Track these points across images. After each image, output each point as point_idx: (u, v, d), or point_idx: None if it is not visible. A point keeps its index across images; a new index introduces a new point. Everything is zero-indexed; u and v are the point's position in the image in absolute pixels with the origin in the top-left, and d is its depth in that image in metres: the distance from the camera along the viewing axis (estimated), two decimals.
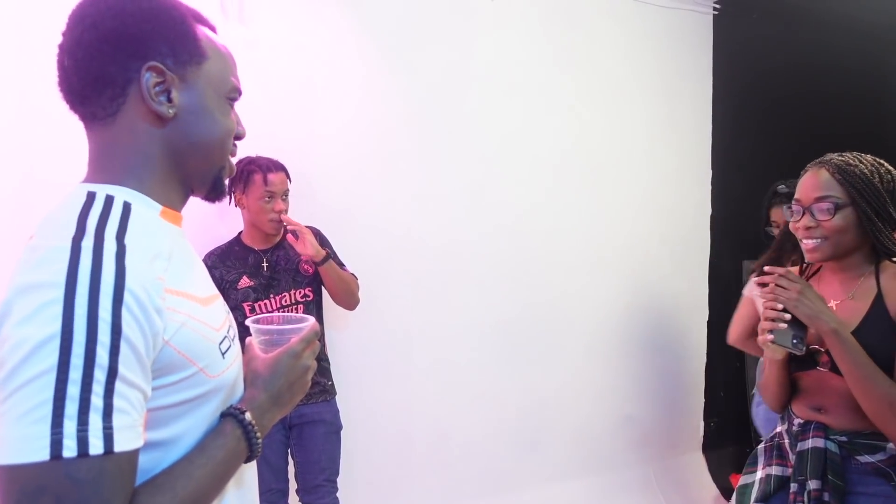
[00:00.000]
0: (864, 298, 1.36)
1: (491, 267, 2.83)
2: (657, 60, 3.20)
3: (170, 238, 0.81)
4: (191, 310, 0.77)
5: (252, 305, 2.11)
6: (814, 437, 1.36)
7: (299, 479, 2.20)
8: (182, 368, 0.74)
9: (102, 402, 0.64)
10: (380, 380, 2.61)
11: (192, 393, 0.76)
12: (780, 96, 3.45)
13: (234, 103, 0.88)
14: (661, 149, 3.25)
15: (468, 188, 2.76)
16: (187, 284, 0.79)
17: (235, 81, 0.87)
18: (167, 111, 0.79)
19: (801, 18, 3.38)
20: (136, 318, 0.68)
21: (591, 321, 3.10)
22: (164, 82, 0.79)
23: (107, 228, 0.73)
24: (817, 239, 1.36)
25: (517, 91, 2.85)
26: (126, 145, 0.80)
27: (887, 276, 1.35)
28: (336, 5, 2.47)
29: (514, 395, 2.91)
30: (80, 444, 0.62)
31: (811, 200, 1.37)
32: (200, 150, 0.84)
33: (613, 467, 3.18)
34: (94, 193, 0.77)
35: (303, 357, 0.89)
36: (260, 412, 0.84)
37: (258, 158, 2.13)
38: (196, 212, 1.40)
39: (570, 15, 2.96)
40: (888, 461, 1.30)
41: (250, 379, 0.87)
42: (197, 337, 0.76)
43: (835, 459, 1.33)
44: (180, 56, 0.80)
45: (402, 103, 2.62)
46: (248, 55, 2.31)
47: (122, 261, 0.69)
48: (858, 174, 1.33)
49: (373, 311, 2.56)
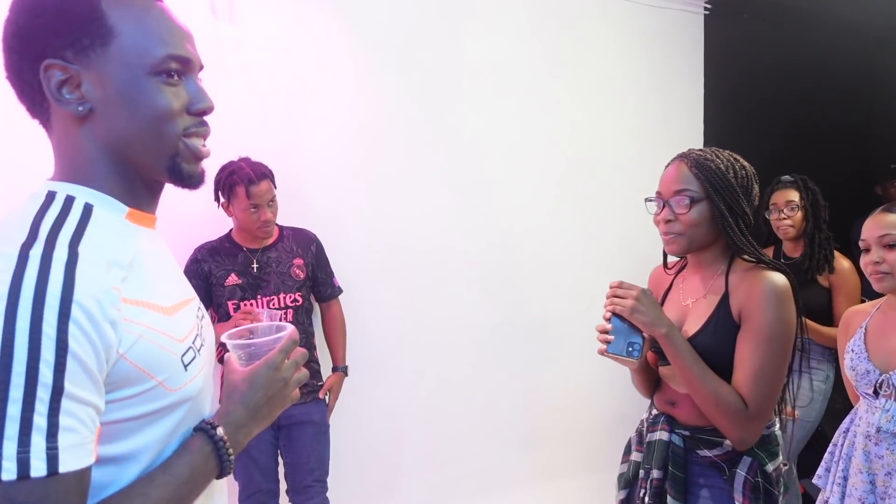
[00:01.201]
0: (712, 297, 1.38)
1: (483, 267, 2.83)
2: (648, 60, 3.21)
3: (134, 243, 0.76)
4: (151, 320, 0.73)
5: (237, 304, 2.10)
6: (661, 430, 1.42)
7: (289, 479, 2.20)
8: (139, 382, 0.70)
9: (46, 422, 0.61)
10: (371, 381, 2.60)
11: (150, 407, 0.72)
12: (770, 95, 3.46)
13: (173, 77, 0.76)
14: (652, 148, 3.25)
15: (459, 188, 2.76)
16: (149, 293, 0.75)
17: (170, 49, 0.76)
18: (77, 109, 0.73)
19: (790, 18, 3.39)
20: (85, 331, 0.64)
21: (583, 320, 3.09)
22: (70, 78, 0.72)
23: (60, 234, 0.68)
24: (674, 233, 1.37)
25: (508, 91, 2.85)
26: (67, 147, 0.76)
27: (736, 275, 1.36)
28: (326, 5, 2.47)
29: (506, 395, 2.90)
30: (20, 467, 0.60)
31: (670, 193, 1.38)
32: (132, 141, 0.76)
33: (607, 466, 3.16)
34: (54, 194, 0.74)
35: (282, 369, 0.84)
36: (234, 427, 0.80)
37: (241, 168, 2.07)
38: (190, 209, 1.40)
39: (561, 15, 2.96)
40: (723, 456, 1.35)
41: (227, 392, 0.83)
42: (156, 349, 0.72)
43: (677, 452, 1.38)
44: (80, 43, 0.72)
45: (392, 103, 2.61)
46: (238, 55, 2.32)
47: (71, 271, 0.65)
48: (714, 168, 1.35)
49: (364, 312, 2.55)
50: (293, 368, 0.86)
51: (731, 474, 1.34)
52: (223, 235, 2.20)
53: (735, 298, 1.33)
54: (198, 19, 2.24)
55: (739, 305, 1.32)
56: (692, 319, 1.41)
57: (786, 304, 1.28)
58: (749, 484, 1.32)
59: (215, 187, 2.10)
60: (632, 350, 1.32)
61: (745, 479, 1.33)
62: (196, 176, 0.81)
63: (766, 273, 1.31)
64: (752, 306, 1.29)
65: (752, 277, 1.32)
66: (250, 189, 2.04)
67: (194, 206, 2.15)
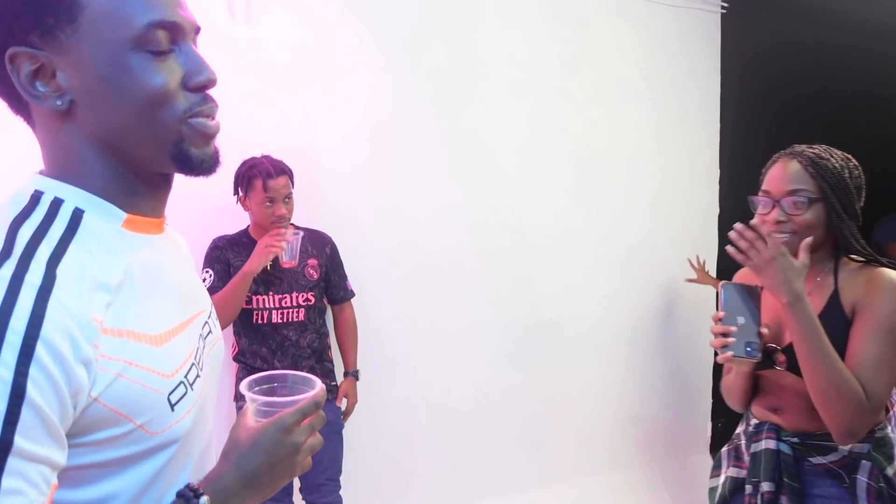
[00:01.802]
0: (821, 295, 1.33)
1: (497, 266, 2.83)
2: (665, 59, 3.19)
3: (128, 258, 0.65)
4: (134, 355, 0.62)
5: (250, 297, 2.13)
6: (766, 438, 1.35)
7: (302, 477, 2.21)
8: (114, 425, 0.60)
9: None
10: (384, 380, 2.61)
11: (127, 451, 0.62)
12: (788, 95, 3.42)
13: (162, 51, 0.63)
14: (669, 148, 3.24)
15: (474, 187, 2.76)
16: (137, 320, 0.64)
17: (154, 15, 0.62)
18: (55, 103, 0.61)
19: (809, 17, 3.35)
20: (50, 375, 0.54)
21: (597, 321, 3.10)
22: (41, 66, 0.60)
23: (39, 249, 0.58)
24: (787, 234, 1.31)
25: (524, 90, 2.84)
26: (53, 146, 0.65)
27: (845, 273, 1.32)
28: (342, 5, 2.48)
29: (519, 395, 2.90)
30: None
31: (782, 193, 1.31)
32: (124, 132, 0.64)
33: (621, 467, 3.17)
34: (40, 195, 0.63)
35: (294, 432, 0.70)
36: (224, 495, 0.67)
37: (261, 162, 2.11)
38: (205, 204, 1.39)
39: (577, 14, 2.95)
40: (840, 462, 1.29)
41: (225, 450, 0.71)
42: (136, 388, 0.62)
43: (788, 461, 1.31)
44: (43, 23, 0.59)
45: (407, 102, 2.62)
46: (255, 55, 2.33)
47: (44, 299, 0.55)
48: (830, 168, 1.29)
49: (377, 311, 2.56)
50: (307, 433, 0.72)
51: (852, 481, 1.27)
52: (241, 230, 2.22)
53: (847, 294, 1.29)
54: (215, 19, 2.25)
55: (853, 301, 1.28)
56: None
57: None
58: (873, 490, 1.26)
59: (235, 181, 2.14)
60: (750, 350, 1.27)
61: (867, 485, 1.26)
62: (208, 159, 0.68)
63: (881, 269, 1.29)
64: (870, 299, 1.25)
65: (867, 273, 1.29)
66: (267, 182, 2.07)
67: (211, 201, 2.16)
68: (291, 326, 2.16)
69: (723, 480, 1.48)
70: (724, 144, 3.38)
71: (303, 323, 2.18)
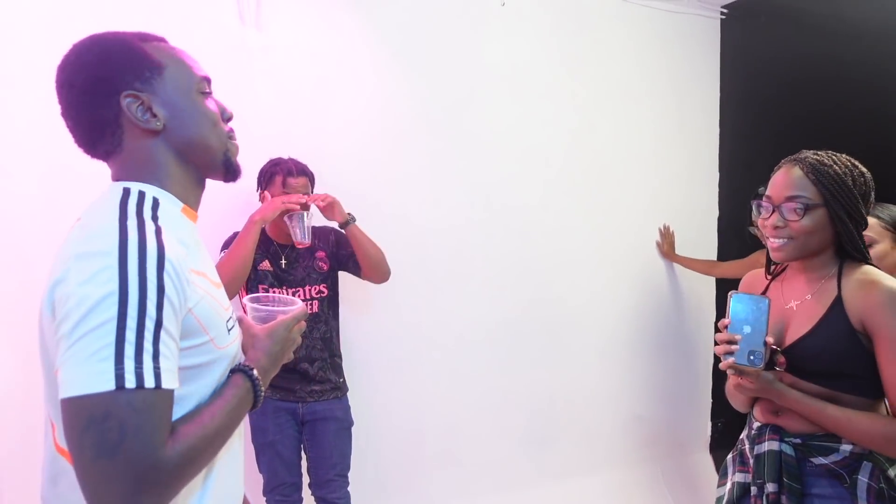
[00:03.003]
0: (823, 300, 1.33)
1: (501, 267, 2.87)
2: (665, 64, 3.23)
3: (189, 230, 0.95)
4: (207, 288, 0.90)
5: (267, 289, 2.18)
6: (769, 440, 1.36)
7: (311, 473, 2.25)
8: (197, 335, 0.86)
9: (152, 347, 0.77)
10: (392, 377, 2.66)
11: (201, 359, 0.88)
12: (787, 99, 3.47)
13: (208, 93, 0.98)
14: (669, 151, 3.28)
15: (478, 189, 2.81)
16: (205, 268, 0.93)
17: (200, 74, 0.98)
18: (156, 124, 0.92)
19: (807, 22, 3.40)
20: (174, 282, 0.81)
21: (599, 321, 3.14)
22: (142, 102, 0.91)
23: (144, 213, 0.87)
24: (784, 239, 1.33)
25: (526, 94, 2.89)
26: (141, 161, 0.94)
27: (849, 281, 1.32)
28: (348, 12, 2.53)
29: (524, 393, 2.95)
30: (137, 378, 0.75)
31: (782, 199, 1.33)
32: (198, 142, 0.96)
33: (622, 466, 3.21)
34: (129, 189, 0.91)
35: (293, 330, 1.06)
36: (262, 371, 0.98)
37: (285, 161, 2.19)
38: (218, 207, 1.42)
39: (579, 19, 3.00)
40: (841, 463, 1.29)
41: (251, 343, 1.02)
42: (212, 311, 0.89)
43: (790, 462, 1.32)
44: (142, 75, 0.92)
45: (413, 107, 2.67)
46: (264, 60, 2.38)
47: (160, 237, 0.83)
48: (832, 174, 1.30)
49: (385, 310, 2.61)
50: (298, 333, 1.08)
51: (853, 481, 1.27)
52: None
53: (853, 306, 1.29)
54: (226, 26, 2.31)
55: (860, 315, 1.28)
56: (800, 321, 1.36)
57: None
58: (874, 491, 1.26)
59: (258, 177, 2.20)
60: (754, 358, 1.29)
61: (868, 485, 1.26)
62: (239, 168, 1.03)
63: (881, 281, 1.28)
64: (879, 318, 1.25)
65: (868, 287, 1.28)
66: (287, 180, 2.14)
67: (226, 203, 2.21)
68: (306, 318, 2.20)
69: (729, 487, 1.48)
70: (724, 148, 3.42)
71: (317, 315, 2.23)
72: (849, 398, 1.29)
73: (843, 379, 1.29)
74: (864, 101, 3.70)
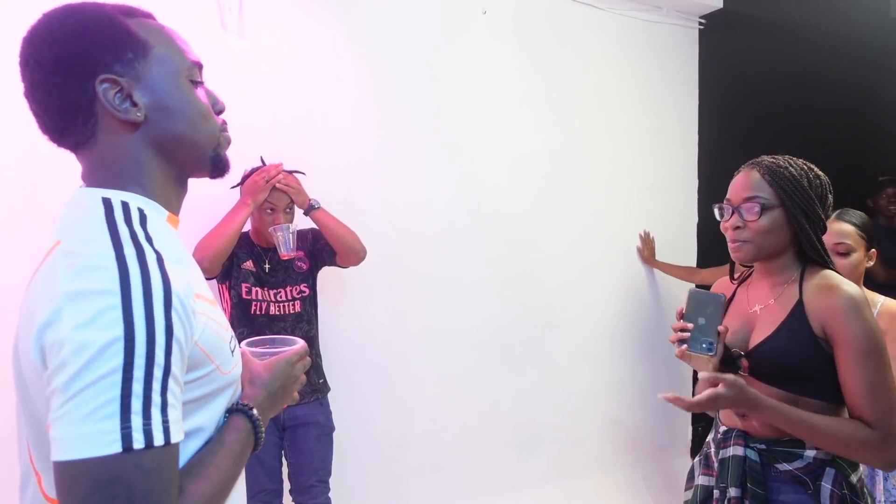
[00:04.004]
0: (785, 304, 1.35)
1: (483, 272, 2.89)
2: (645, 73, 3.28)
3: (180, 243, 0.84)
4: (208, 311, 0.80)
5: (249, 288, 2.18)
6: (734, 444, 1.36)
7: (292, 479, 2.25)
8: (204, 366, 0.78)
9: (160, 398, 0.68)
10: (374, 380, 2.66)
11: (208, 388, 0.80)
12: (764, 107, 3.53)
13: (199, 82, 0.86)
14: (648, 158, 3.33)
15: (461, 195, 2.83)
16: (201, 287, 0.82)
17: (191, 59, 0.86)
18: (136, 115, 0.79)
19: (784, 33, 3.47)
20: (182, 320, 0.72)
21: (581, 326, 3.16)
22: (122, 88, 0.78)
23: (138, 235, 0.75)
24: (742, 240, 1.36)
25: (508, 102, 2.92)
26: (117, 157, 0.81)
27: (810, 286, 1.33)
28: (332, 18, 2.55)
29: (506, 398, 2.96)
30: (146, 437, 0.66)
31: (740, 200, 1.36)
32: (185, 137, 0.84)
33: (603, 471, 3.23)
34: (109, 200, 0.79)
35: (296, 367, 0.97)
36: (261, 409, 0.89)
37: (267, 167, 2.16)
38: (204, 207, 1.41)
39: (560, 29, 3.04)
40: (805, 469, 1.30)
41: (249, 378, 0.93)
42: (216, 337, 0.80)
43: (754, 467, 1.32)
44: (124, 56, 0.79)
45: (396, 113, 2.68)
46: (247, 66, 2.39)
47: (163, 267, 0.73)
48: (787, 176, 1.33)
49: (368, 313, 2.61)
50: (302, 369, 0.99)
51: (816, 488, 1.28)
52: (243, 232, 2.26)
53: (813, 310, 1.30)
54: (208, 33, 2.31)
55: (820, 320, 1.29)
56: (763, 324, 1.37)
57: (866, 313, 1.25)
58: (836, 497, 1.26)
59: (241, 181, 2.18)
60: (706, 346, 1.33)
61: (831, 491, 1.27)
62: (228, 163, 0.92)
63: (840, 286, 1.29)
64: (837, 325, 1.26)
65: (827, 292, 1.29)
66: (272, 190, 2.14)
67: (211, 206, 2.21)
68: (288, 318, 2.21)
69: (693, 490, 1.49)
70: (702, 154, 3.48)
71: (299, 314, 2.23)
72: (810, 402, 1.30)
73: (804, 382, 1.30)
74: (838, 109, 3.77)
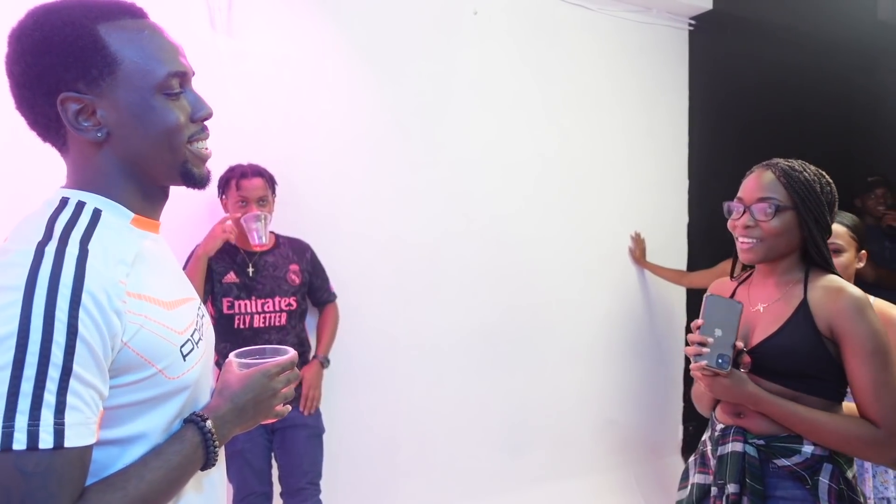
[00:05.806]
0: (789, 303, 1.37)
1: (475, 274, 2.89)
2: (635, 74, 3.29)
3: (138, 244, 0.82)
4: (151, 312, 0.78)
5: (232, 302, 2.16)
6: (733, 441, 1.37)
7: (282, 482, 2.23)
8: (140, 369, 0.76)
9: (55, 399, 0.66)
10: (365, 382, 2.65)
11: (150, 393, 0.78)
12: (753, 108, 3.55)
13: (177, 93, 0.83)
14: (639, 159, 3.34)
15: (452, 196, 2.83)
16: (151, 288, 0.80)
17: (168, 70, 0.81)
18: (95, 135, 0.79)
19: (773, 34, 3.49)
20: (94, 319, 0.70)
21: (573, 327, 3.16)
22: (84, 107, 0.78)
23: (72, 233, 0.75)
24: (754, 239, 1.36)
25: (500, 103, 2.92)
26: (85, 166, 0.82)
27: (815, 287, 1.35)
28: (322, 18, 2.54)
29: (497, 399, 2.95)
30: (29, 438, 0.64)
31: (753, 200, 1.37)
32: (148, 155, 0.82)
33: (595, 470, 3.23)
34: (66, 199, 0.80)
35: (275, 379, 0.90)
36: (221, 422, 0.85)
37: (239, 166, 2.19)
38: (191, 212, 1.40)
39: (551, 30, 3.04)
40: (803, 464, 1.31)
41: (219, 388, 0.89)
42: (156, 339, 0.78)
43: (753, 463, 1.33)
44: (89, 74, 0.77)
45: (386, 113, 2.68)
46: (237, 67, 2.37)
47: (82, 264, 0.71)
48: (802, 180, 1.34)
49: (357, 316, 2.60)
50: (284, 383, 0.92)
51: (814, 483, 1.30)
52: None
53: (820, 311, 1.32)
54: (197, 32, 2.29)
55: (828, 320, 1.30)
56: (766, 323, 1.38)
57: (871, 315, 1.28)
58: (834, 492, 1.28)
59: (218, 184, 2.20)
60: (721, 361, 1.31)
61: (828, 486, 1.29)
62: (204, 177, 0.88)
63: (847, 289, 1.31)
64: (845, 325, 1.28)
65: (835, 293, 1.31)
66: (241, 182, 2.14)
67: (195, 210, 2.20)
68: (273, 330, 2.19)
69: (689, 489, 1.50)
70: (693, 155, 3.49)
71: (284, 327, 2.21)
72: (810, 399, 1.32)
73: (806, 380, 1.32)
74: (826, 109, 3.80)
